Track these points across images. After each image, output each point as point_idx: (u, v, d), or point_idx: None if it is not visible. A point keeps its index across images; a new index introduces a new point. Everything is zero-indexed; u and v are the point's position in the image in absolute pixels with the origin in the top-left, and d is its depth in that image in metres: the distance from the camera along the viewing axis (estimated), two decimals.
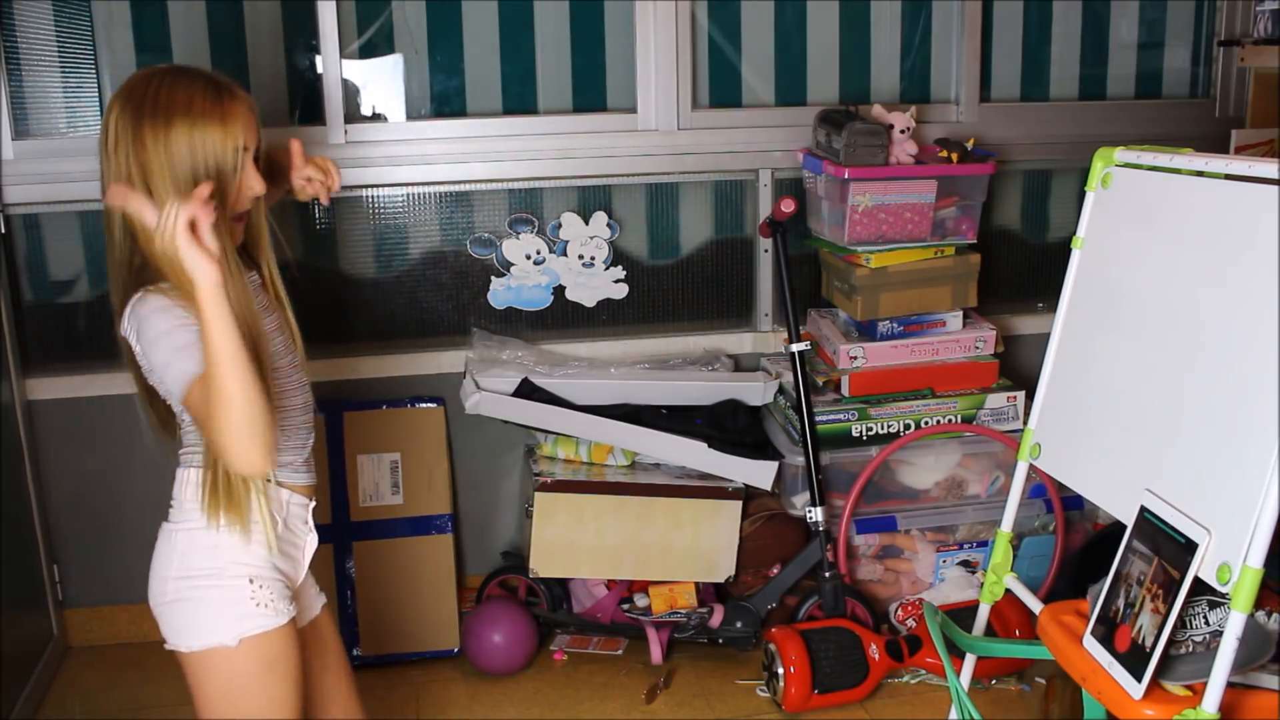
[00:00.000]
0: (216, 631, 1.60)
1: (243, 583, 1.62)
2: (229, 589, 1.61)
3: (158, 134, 1.53)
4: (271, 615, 1.63)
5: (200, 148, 1.55)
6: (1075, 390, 2.03)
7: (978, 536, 2.91)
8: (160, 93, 1.55)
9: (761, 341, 3.13)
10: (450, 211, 2.99)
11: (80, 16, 2.77)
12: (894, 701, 2.66)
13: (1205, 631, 1.69)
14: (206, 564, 1.62)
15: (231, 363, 1.42)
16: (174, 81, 1.57)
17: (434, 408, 2.97)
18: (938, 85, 3.18)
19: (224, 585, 1.61)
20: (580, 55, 3.00)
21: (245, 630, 1.61)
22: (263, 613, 1.62)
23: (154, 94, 1.55)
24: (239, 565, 1.62)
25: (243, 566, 1.62)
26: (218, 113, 1.57)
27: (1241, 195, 1.69)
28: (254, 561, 1.64)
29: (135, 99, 1.56)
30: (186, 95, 1.56)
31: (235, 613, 1.61)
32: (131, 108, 1.55)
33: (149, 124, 1.54)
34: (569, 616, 2.88)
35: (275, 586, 1.65)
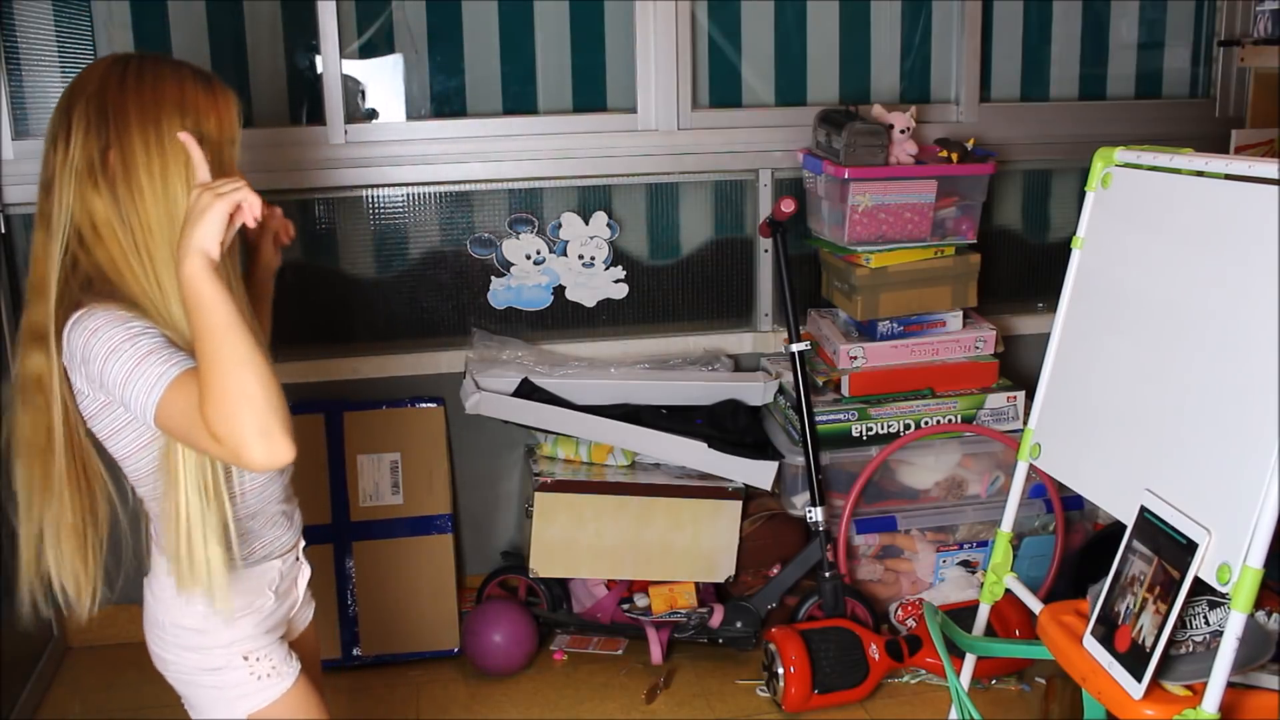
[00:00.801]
0: (222, 711, 1.54)
1: (237, 662, 1.53)
2: (224, 674, 1.53)
3: (146, 125, 1.38)
4: (274, 682, 1.55)
5: (195, 131, 1.40)
6: (1075, 390, 2.03)
7: (978, 536, 2.91)
8: (145, 80, 1.40)
9: (761, 341, 3.13)
10: (450, 211, 2.99)
11: (80, 16, 2.77)
12: (894, 701, 2.66)
13: (1205, 631, 1.69)
14: (200, 656, 1.52)
15: (238, 330, 1.27)
16: (159, 68, 1.42)
17: (434, 408, 2.97)
18: (938, 85, 3.18)
19: (219, 671, 1.53)
20: (580, 55, 3.00)
21: (251, 707, 1.53)
22: (264, 685, 1.54)
23: (137, 82, 1.40)
24: (227, 648, 1.52)
25: (231, 648, 1.53)
26: (211, 105, 1.43)
27: (1241, 195, 1.69)
28: (242, 638, 1.53)
29: (114, 86, 1.40)
30: (177, 84, 1.41)
31: (237, 693, 1.53)
32: (111, 95, 1.39)
33: (135, 113, 1.38)
34: (569, 616, 2.88)
35: (272, 651, 1.56)
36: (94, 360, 1.34)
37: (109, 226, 1.40)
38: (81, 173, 1.39)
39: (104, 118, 1.38)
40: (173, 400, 1.30)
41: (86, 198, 1.40)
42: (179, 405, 1.30)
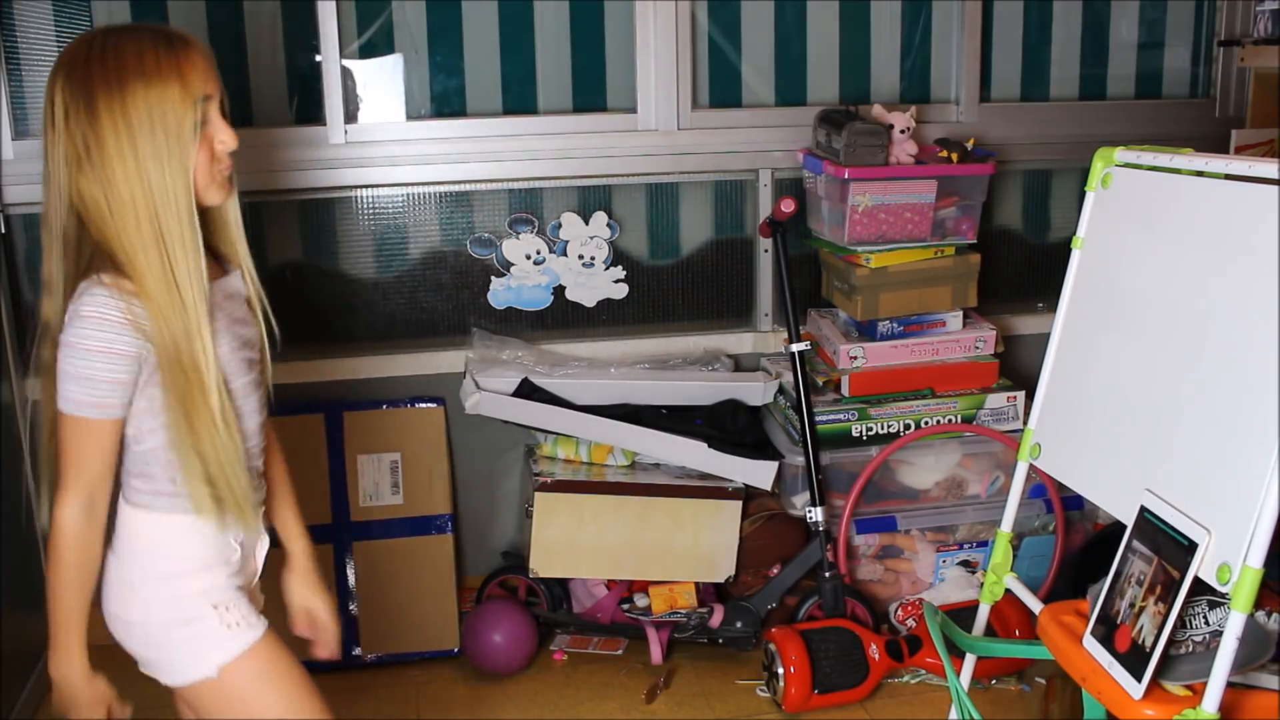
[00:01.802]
0: (195, 667, 1.56)
1: (207, 612, 1.56)
2: (195, 624, 1.55)
3: (111, 100, 1.40)
4: (246, 631, 1.57)
5: (160, 108, 1.41)
6: (1075, 390, 2.02)
7: (978, 536, 2.91)
8: (107, 54, 1.41)
9: (761, 341, 3.13)
10: (450, 211, 2.99)
11: (80, 16, 2.77)
12: (894, 701, 2.66)
13: (1205, 631, 1.69)
14: (172, 608, 1.56)
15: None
16: (119, 40, 1.43)
17: (434, 408, 2.97)
18: (938, 85, 3.18)
19: (192, 621, 1.55)
20: (580, 55, 3.00)
21: (224, 657, 1.55)
22: (235, 634, 1.56)
23: (100, 56, 1.41)
24: (199, 597, 1.56)
25: (203, 597, 1.56)
26: (174, 66, 1.42)
27: (1241, 195, 1.69)
28: (214, 587, 1.57)
29: (80, 65, 1.41)
30: (136, 52, 1.41)
31: (209, 643, 1.55)
32: (79, 75, 1.41)
33: (100, 90, 1.40)
34: (569, 616, 2.88)
35: (240, 602, 1.59)
36: (66, 334, 1.43)
37: (97, 205, 1.43)
38: (70, 156, 1.43)
39: (77, 102, 1.41)
40: (64, 428, 1.45)
41: (76, 182, 1.44)
42: (64, 435, 1.45)
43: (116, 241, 1.44)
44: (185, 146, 1.44)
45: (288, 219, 2.93)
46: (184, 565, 1.56)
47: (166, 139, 1.42)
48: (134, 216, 1.43)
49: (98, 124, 1.40)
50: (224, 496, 1.53)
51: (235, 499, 1.54)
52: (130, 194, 1.43)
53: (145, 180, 1.43)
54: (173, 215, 1.44)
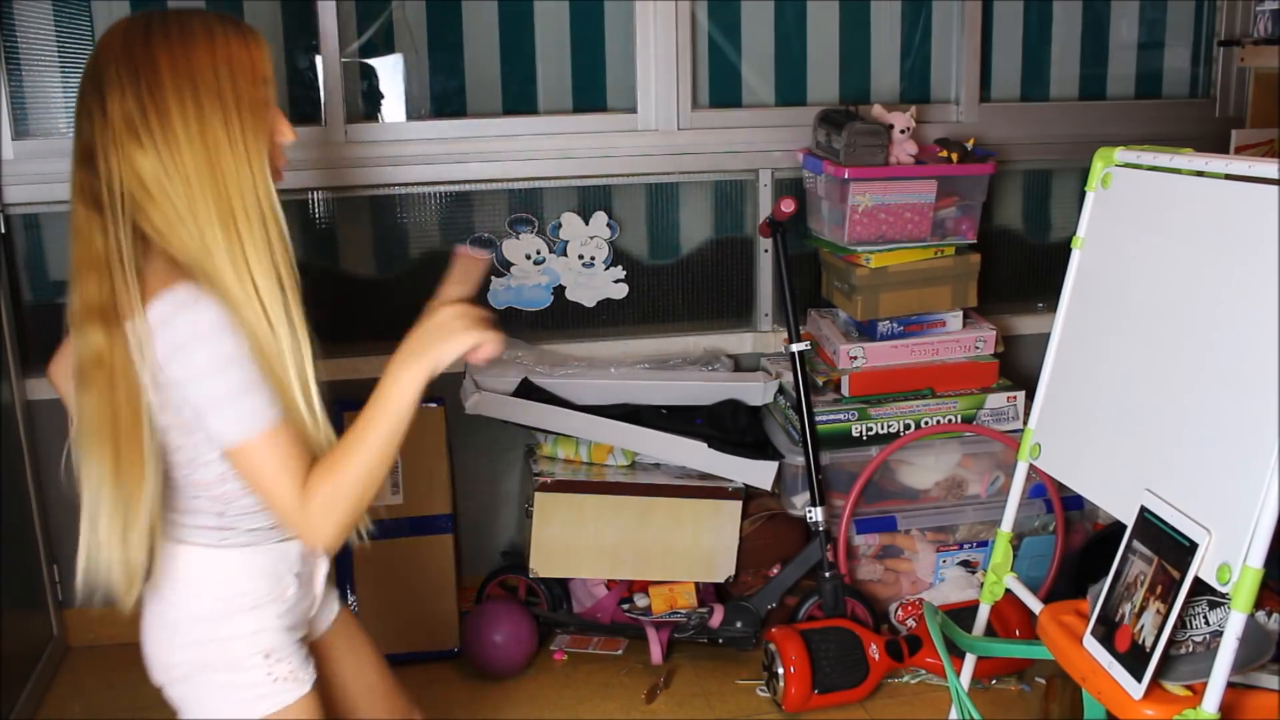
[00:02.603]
0: (231, 714, 1.47)
1: (257, 662, 1.46)
2: (243, 672, 1.46)
3: (180, 80, 1.29)
4: (291, 687, 1.49)
5: (229, 72, 1.31)
6: (1075, 390, 2.02)
7: (978, 536, 2.91)
8: (170, 25, 1.32)
9: (761, 341, 3.13)
10: (450, 211, 2.99)
11: (80, 16, 2.77)
12: (894, 701, 2.66)
13: (1205, 631, 1.69)
14: (215, 650, 1.46)
15: (395, 447, 1.35)
16: (181, 14, 1.34)
17: (434, 408, 2.97)
18: (938, 85, 3.19)
19: (237, 668, 1.46)
20: (580, 55, 3.00)
21: (265, 710, 1.46)
22: (281, 688, 1.48)
23: (162, 27, 1.32)
24: (248, 639, 1.46)
25: (251, 640, 1.47)
26: (241, 41, 1.35)
27: (1241, 195, 1.69)
28: (263, 629, 1.48)
29: (138, 37, 1.31)
30: (203, 23, 1.34)
31: (253, 694, 1.47)
32: (137, 47, 1.30)
33: (164, 54, 1.29)
34: (569, 616, 2.88)
35: (292, 653, 1.50)
36: (184, 354, 1.30)
37: (159, 184, 1.31)
38: (122, 134, 1.30)
39: (136, 75, 1.29)
40: (259, 449, 1.33)
41: (133, 159, 1.30)
42: (263, 456, 1.33)
43: (175, 219, 1.31)
44: (260, 119, 1.36)
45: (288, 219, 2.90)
46: (231, 604, 1.46)
47: (239, 110, 1.33)
48: (187, 195, 1.31)
49: (164, 103, 1.29)
50: None
51: None
52: (191, 172, 1.31)
53: (212, 159, 1.32)
54: (250, 194, 1.34)
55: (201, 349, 1.31)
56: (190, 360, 1.31)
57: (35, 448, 2.83)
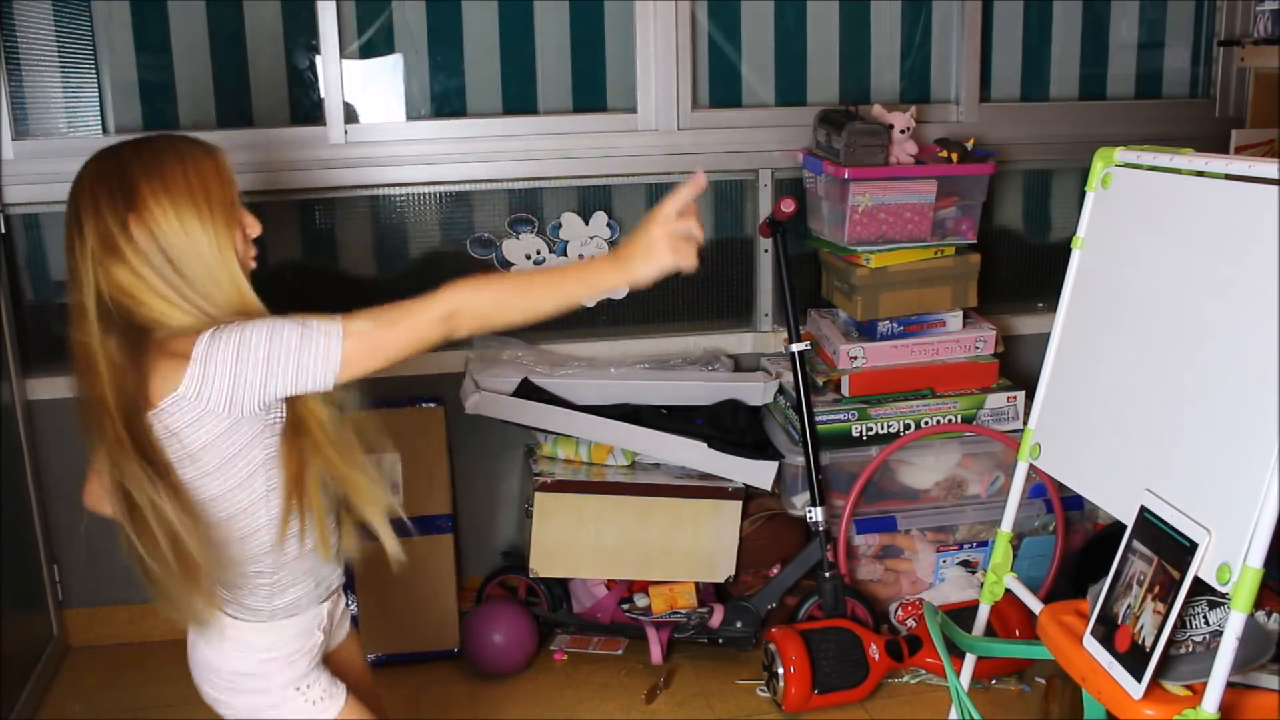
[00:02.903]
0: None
1: (292, 695, 1.61)
2: (282, 706, 1.61)
3: (154, 187, 1.43)
4: (328, 704, 1.63)
5: (201, 183, 1.46)
6: (1075, 390, 2.02)
7: (978, 536, 2.91)
8: (141, 149, 1.46)
9: (761, 341, 3.13)
10: (450, 211, 2.99)
11: (80, 16, 2.77)
12: (894, 701, 2.66)
13: (1205, 631, 1.69)
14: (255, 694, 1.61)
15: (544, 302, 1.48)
16: (148, 141, 1.49)
17: (434, 408, 2.97)
18: (938, 85, 3.18)
19: (275, 704, 1.61)
20: (580, 55, 3.00)
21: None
22: (319, 708, 1.62)
23: (134, 151, 1.46)
24: (284, 686, 1.61)
25: (287, 685, 1.61)
26: (206, 154, 1.49)
27: (1241, 195, 1.69)
28: (298, 675, 1.62)
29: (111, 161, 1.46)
30: (171, 146, 1.48)
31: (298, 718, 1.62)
32: (112, 169, 1.45)
33: (143, 179, 1.43)
34: (569, 616, 2.88)
35: (318, 677, 1.65)
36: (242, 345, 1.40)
37: (138, 287, 1.43)
38: (99, 253, 1.42)
39: (113, 194, 1.42)
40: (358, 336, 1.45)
41: (112, 273, 1.43)
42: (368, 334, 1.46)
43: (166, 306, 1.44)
44: (230, 215, 1.48)
45: (288, 219, 2.93)
46: (271, 665, 1.60)
47: (211, 210, 1.46)
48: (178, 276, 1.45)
49: (143, 208, 1.42)
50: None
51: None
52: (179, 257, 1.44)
53: (194, 243, 1.45)
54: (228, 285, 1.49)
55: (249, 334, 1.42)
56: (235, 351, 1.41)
57: (35, 448, 2.83)
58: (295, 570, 1.59)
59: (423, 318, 1.46)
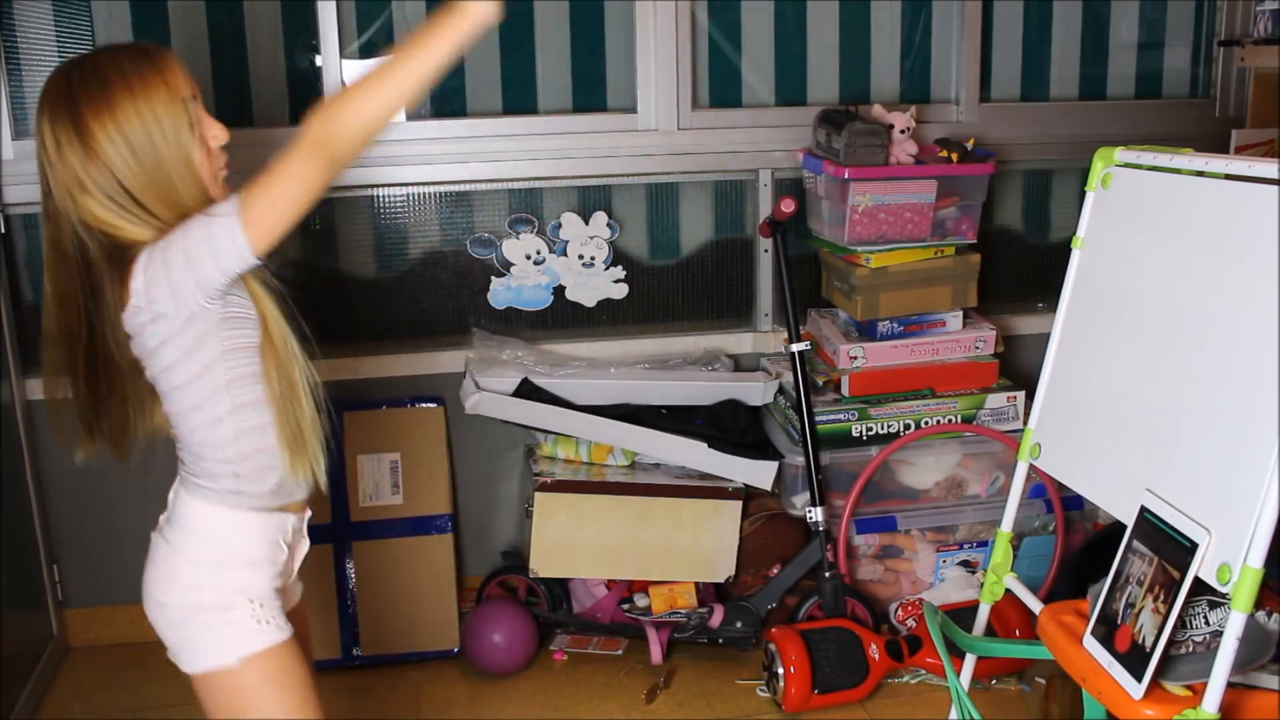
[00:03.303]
0: (219, 653, 1.59)
1: (243, 602, 1.60)
2: (231, 611, 1.60)
3: (102, 119, 1.45)
4: (273, 631, 1.61)
5: (152, 114, 1.47)
6: (1075, 390, 2.02)
7: (978, 536, 2.91)
8: (87, 77, 1.47)
9: (761, 341, 3.13)
10: (450, 211, 2.99)
11: (80, 16, 2.77)
12: (894, 701, 2.66)
13: (1205, 631, 1.69)
14: (210, 594, 1.60)
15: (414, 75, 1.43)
16: (95, 62, 1.49)
17: (434, 408, 2.97)
18: (938, 85, 3.18)
19: (226, 609, 1.60)
20: (580, 55, 3.00)
21: (247, 649, 1.59)
22: (264, 630, 1.60)
23: (81, 81, 1.47)
24: (241, 591, 1.61)
25: (244, 591, 1.61)
26: (155, 72, 1.49)
27: (1241, 195, 1.69)
28: (256, 584, 1.62)
29: (63, 95, 1.47)
30: (115, 67, 1.48)
31: (237, 631, 1.60)
32: (63, 105, 1.47)
33: (89, 113, 1.45)
34: (569, 616, 2.88)
35: (275, 605, 1.64)
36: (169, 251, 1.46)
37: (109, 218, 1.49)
38: (73, 187, 1.48)
39: (68, 131, 1.46)
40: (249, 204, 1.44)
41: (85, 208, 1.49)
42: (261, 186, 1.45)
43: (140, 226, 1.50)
44: (186, 148, 1.51)
45: None
46: (232, 559, 1.61)
47: (166, 143, 1.49)
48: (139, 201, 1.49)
49: (94, 144, 1.45)
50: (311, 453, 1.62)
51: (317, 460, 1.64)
52: (136, 185, 1.49)
53: (152, 163, 1.49)
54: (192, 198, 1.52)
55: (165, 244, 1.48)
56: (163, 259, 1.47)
57: (35, 448, 2.83)
58: (260, 464, 1.60)
59: (297, 159, 1.45)
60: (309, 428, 1.61)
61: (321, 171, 1.45)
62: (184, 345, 1.51)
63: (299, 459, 1.60)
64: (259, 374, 1.56)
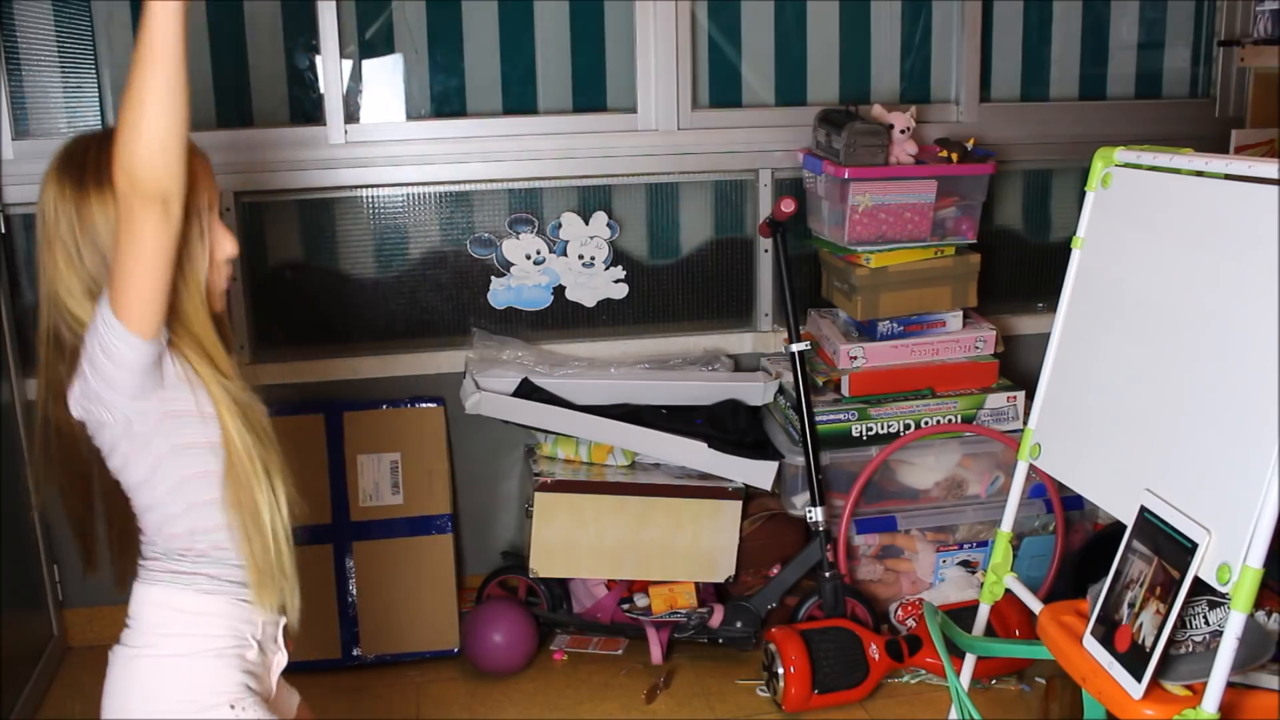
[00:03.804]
0: None
1: (224, 710, 1.48)
2: (211, 713, 1.48)
3: (105, 202, 1.36)
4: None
5: None
6: (1075, 390, 2.03)
7: (978, 536, 2.91)
8: (102, 156, 1.34)
9: (761, 341, 3.13)
10: (450, 211, 2.99)
11: (80, 16, 2.77)
12: (894, 701, 2.66)
13: (1205, 631, 1.69)
14: (179, 698, 1.49)
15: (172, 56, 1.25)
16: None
17: (434, 408, 2.97)
18: (938, 85, 3.18)
19: (204, 712, 1.48)
20: (580, 55, 3.00)
21: None
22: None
23: (95, 158, 1.37)
24: (216, 694, 1.49)
25: (221, 695, 1.49)
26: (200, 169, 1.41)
27: (1241, 195, 1.69)
28: (231, 686, 1.50)
29: (75, 167, 1.39)
30: None
31: None
32: (71, 179, 1.38)
33: (94, 192, 1.37)
34: (569, 616, 2.88)
35: (253, 702, 1.52)
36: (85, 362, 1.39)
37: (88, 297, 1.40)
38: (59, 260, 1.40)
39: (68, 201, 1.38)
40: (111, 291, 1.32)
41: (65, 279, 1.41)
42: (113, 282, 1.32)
43: None
44: (196, 262, 1.42)
45: (288, 219, 2.94)
46: (197, 644, 1.50)
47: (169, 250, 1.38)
48: None
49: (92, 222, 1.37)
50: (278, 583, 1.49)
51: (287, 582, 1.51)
52: None
53: None
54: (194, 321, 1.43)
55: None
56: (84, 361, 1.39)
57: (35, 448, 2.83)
58: (219, 543, 1.49)
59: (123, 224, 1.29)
60: (275, 558, 1.48)
61: (153, 216, 1.27)
62: (130, 449, 1.43)
63: (265, 590, 1.48)
64: (217, 473, 1.45)
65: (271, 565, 1.48)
